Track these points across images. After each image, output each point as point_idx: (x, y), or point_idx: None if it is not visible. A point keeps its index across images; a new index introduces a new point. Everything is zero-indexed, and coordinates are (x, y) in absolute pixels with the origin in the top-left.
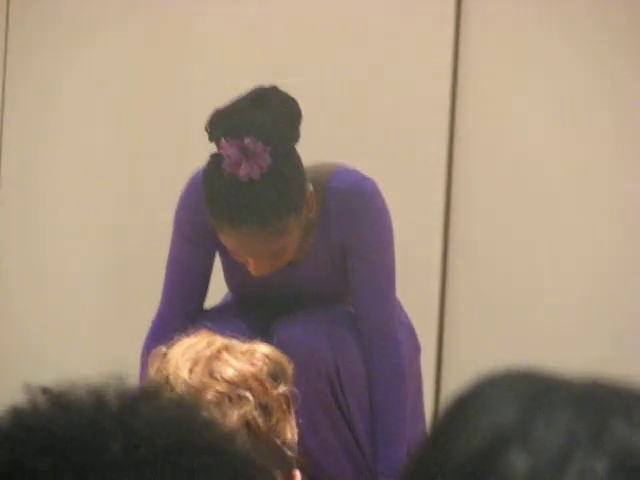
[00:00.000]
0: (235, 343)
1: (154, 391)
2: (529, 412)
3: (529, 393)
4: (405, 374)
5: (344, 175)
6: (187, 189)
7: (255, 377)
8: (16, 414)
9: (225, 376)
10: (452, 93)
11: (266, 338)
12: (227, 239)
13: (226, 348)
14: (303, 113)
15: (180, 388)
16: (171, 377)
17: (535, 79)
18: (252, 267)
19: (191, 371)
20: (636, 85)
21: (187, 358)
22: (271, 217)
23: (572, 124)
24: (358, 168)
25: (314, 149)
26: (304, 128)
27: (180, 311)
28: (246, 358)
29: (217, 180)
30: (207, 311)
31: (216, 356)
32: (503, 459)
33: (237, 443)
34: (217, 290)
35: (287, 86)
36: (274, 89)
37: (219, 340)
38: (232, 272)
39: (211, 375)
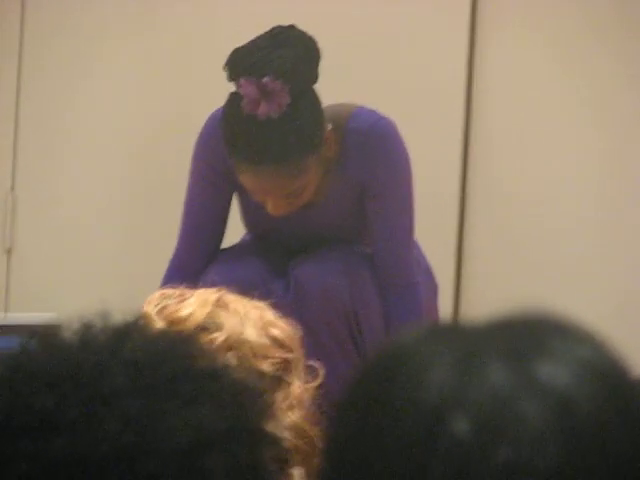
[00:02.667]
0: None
1: (141, 324)
2: (461, 376)
3: (456, 356)
4: (422, 316)
5: (363, 116)
6: (204, 129)
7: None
8: (10, 358)
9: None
10: (471, 32)
11: (283, 278)
12: (246, 178)
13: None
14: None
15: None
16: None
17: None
18: (270, 207)
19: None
20: None
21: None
22: (290, 156)
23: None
24: (376, 105)
25: (332, 90)
26: (322, 69)
27: (198, 251)
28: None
29: (236, 119)
30: (225, 251)
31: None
32: (444, 430)
33: (232, 370)
34: (235, 230)
35: (305, 26)
36: (293, 28)
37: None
38: (250, 212)
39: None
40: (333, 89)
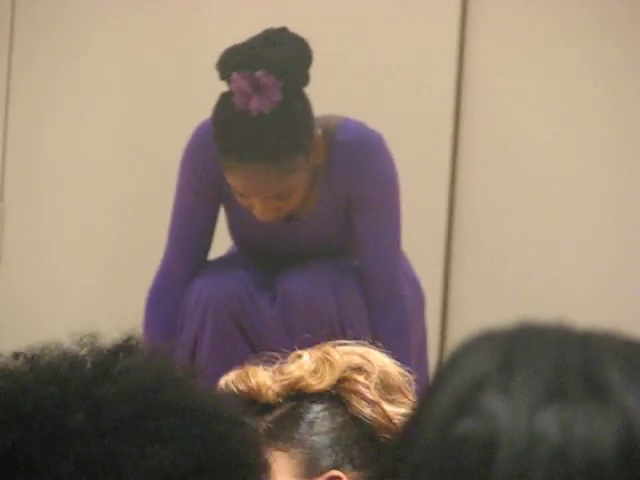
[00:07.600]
0: None
1: (129, 347)
2: (510, 359)
3: (511, 343)
4: (409, 329)
5: (351, 128)
6: (192, 140)
7: None
8: None
9: None
10: (460, 45)
11: (270, 291)
12: (234, 177)
13: None
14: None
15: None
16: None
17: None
18: (258, 211)
19: None
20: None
21: None
22: (279, 153)
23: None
24: (363, 117)
25: (322, 102)
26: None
27: (185, 262)
28: None
29: (227, 115)
30: (211, 263)
31: None
32: (480, 399)
33: (211, 399)
34: (221, 242)
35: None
36: (285, 30)
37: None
38: (237, 225)
39: None
40: (321, 98)
